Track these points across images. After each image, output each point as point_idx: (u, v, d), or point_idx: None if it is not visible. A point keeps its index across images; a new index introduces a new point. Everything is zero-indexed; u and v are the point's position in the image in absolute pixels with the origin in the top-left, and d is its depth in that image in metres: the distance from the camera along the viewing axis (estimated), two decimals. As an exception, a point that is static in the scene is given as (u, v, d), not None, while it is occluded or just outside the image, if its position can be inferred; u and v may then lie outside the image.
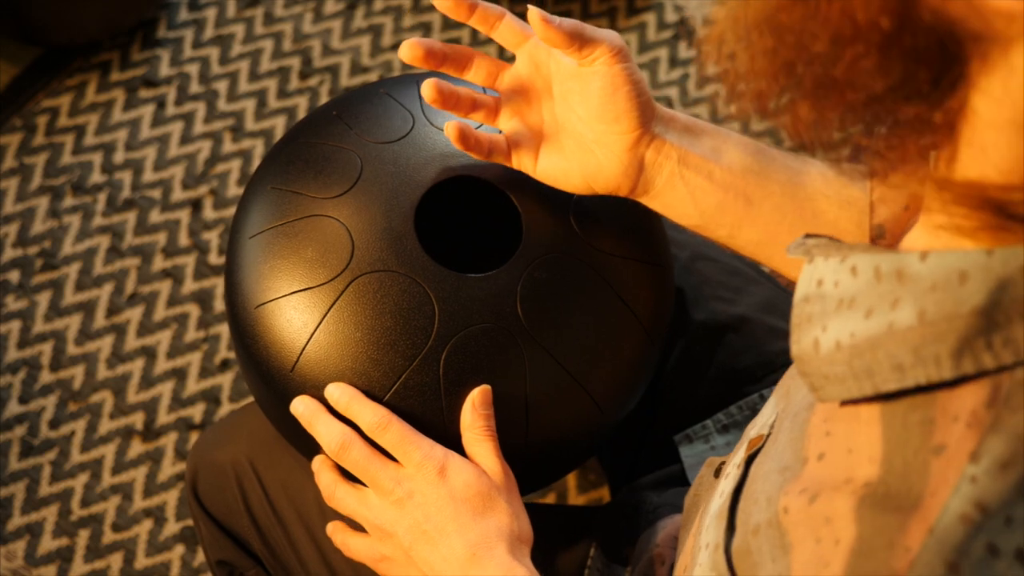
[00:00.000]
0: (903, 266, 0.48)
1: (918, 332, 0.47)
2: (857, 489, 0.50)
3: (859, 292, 0.50)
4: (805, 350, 0.54)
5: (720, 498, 0.65)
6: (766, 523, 0.55)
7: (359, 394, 0.74)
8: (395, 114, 0.82)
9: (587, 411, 0.79)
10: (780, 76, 0.48)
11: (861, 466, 0.50)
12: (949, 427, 0.46)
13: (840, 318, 0.51)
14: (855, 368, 0.50)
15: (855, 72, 0.46)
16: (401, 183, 0.78)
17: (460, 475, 0.72)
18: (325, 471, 0.77)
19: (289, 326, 0.76)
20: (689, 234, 1.02)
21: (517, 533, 0.72)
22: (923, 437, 0.47)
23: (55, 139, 1.60)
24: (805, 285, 0.54)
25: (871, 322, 0.49)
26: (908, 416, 0.48)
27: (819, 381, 0.53)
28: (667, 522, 0.84)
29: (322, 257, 0.76)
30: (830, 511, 0.51)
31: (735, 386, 0.94)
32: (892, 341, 0.48)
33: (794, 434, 0.58)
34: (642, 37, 1.72)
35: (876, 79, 0.45)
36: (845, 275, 0.51)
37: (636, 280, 0.81)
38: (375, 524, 0.74)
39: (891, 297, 0.48)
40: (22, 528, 1.36)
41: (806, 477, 0.54)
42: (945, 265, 0.46)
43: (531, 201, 0.79)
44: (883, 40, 0.44)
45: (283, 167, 0.81)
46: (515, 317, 0.76)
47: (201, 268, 1.52)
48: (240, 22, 1.70)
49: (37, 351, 1.46)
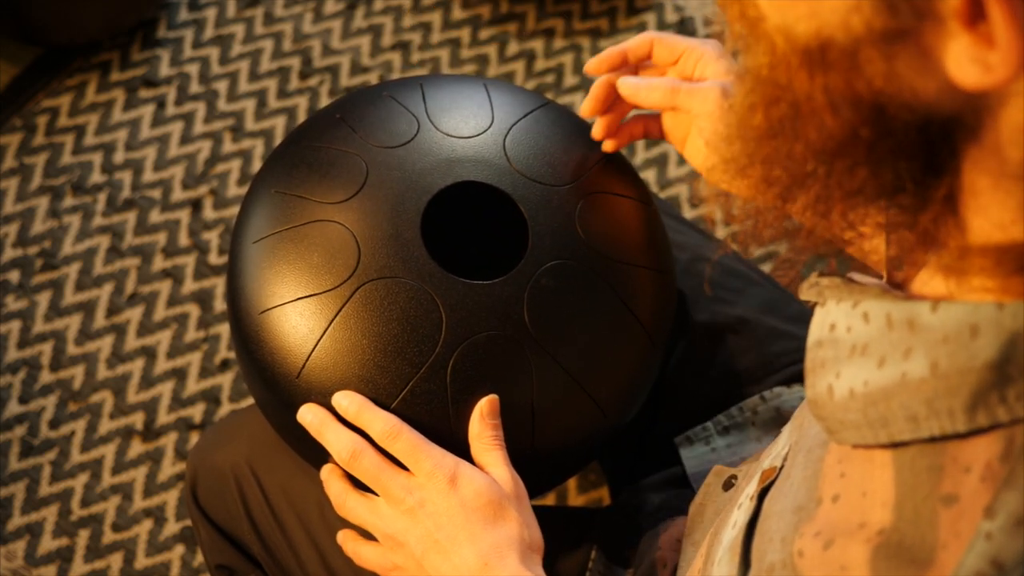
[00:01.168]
0: (914, 316, 0.48)
1: (931, 384, 0.47)
2: (872, 537, 0.50)
3: (871, 339, 0.50)
4: (820, 395, 0.54)
5: (733, 530, 0.64)
6: (780, 564, 0.55)
7: (368, 402, 0.74)
8: (400, 118, 0.82)
9: (592, 416, 0.79)
10: (778, 201, 0.49)
11: (875, 510, 0.50)
12: (960, 477, 0.46)
13: (853, 365, 0.51)
14: (870, 417, 0.50)
15: (849, 182, 0.46)
16: (407, 188, 0.78)
17: (471, 484, 0.72)
18: (335, 480, 0.77)
19: (295, 332, 0.75)
20: (690, 236, 1.02)
21: (528, 541, 0.72)
22: (931, 484, 0.47)
23: (55, 139, 1.60)
24: (818, 329, 0.54)
25: (884, 372, 0.49)
26: (916, 461, 0.48)
27: (835, 425, 0.53)
28: (669, 524, 0.85)
29: (328, 263, 0.76)
30: (845, 559, 0.51)
31: (735, 387, 0.94)
32: (906, 392, 0.48)
33: (808, 472, 0.58)
34: (642, 38, 1.72)
35: (870, 182, 0.46)
36: (857, 321, 0.51)
37: (640, 286, 0.81)
38: (386, 533, 0.74)
39: (903, 346, 0.48)
40: (22, 528, 1.36)
41: (821, 519, 0.54)
42: (956, 318, 0.46)
43: (537, 207, 0.79)
44: (868, 149, 0.45)
45: (287, 171, 0.81)
46: (522, 324, 0.76)
47: (201, 268, 1.52)
48: (240, 22, 1.70)
49: (37, 351, 1.46)
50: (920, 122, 0.44)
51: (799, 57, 0.45)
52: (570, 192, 0.81)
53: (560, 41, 1.71)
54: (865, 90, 0.44)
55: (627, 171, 0.86)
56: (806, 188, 0.48)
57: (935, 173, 0.46)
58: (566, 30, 1.72)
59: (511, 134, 0.82)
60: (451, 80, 0.87)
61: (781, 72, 0.45)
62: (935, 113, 0.44)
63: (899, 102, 0.43)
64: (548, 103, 0.87)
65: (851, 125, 0.45)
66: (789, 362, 0.94)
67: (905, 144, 0.45)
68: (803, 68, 0.44)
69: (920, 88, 0.43)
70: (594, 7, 1.74)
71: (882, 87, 0.43)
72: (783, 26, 0.45)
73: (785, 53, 0.45)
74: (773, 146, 0.47)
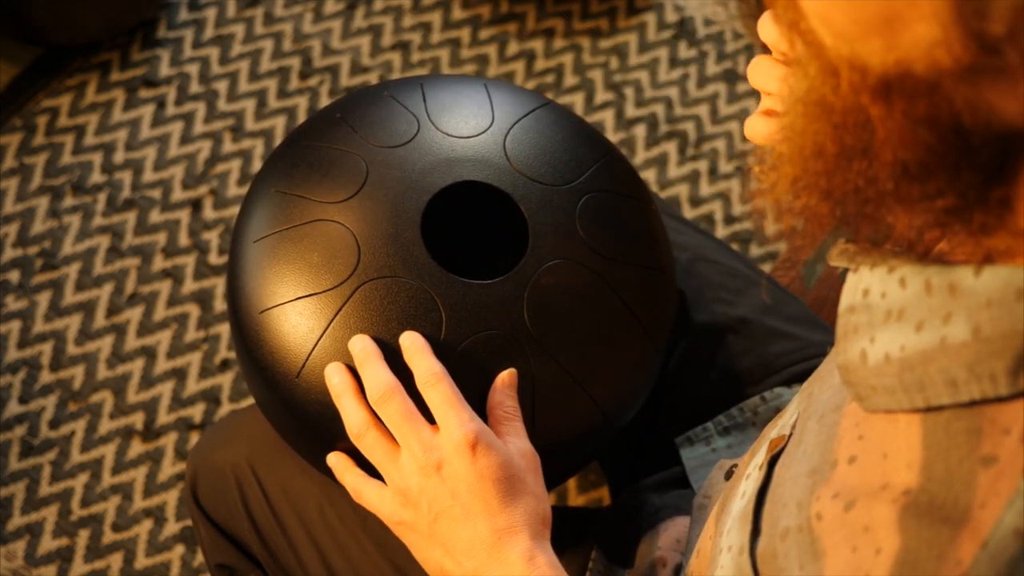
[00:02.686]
0: (956, 280, 0.48)
1: (972, 348, 0.47)
2: (897, 497, 0.50)
3: (908, 304, 0.50)
4: (852, 360, 0.53)
5: (743, 500, 0.65)
6: (796, 528, 0.55)
7: (427, 347, 0.74)
8: (400, 118, 0.82)
9: (591, 416, 0.79)
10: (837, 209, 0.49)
11: (898, 472, 0.50)
12: (1000, 439, 0.46)
13: (889, 330, 0.51)
14: (905, 381, 0.50)
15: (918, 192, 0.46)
16: (407, 188, 0.78)
17: (492, 455, 0.71)
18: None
19: (295, 332, 0.75)
20: (690, 236, 1.02)
21: (542, 516, 0.72)
22: (969, 446, 0.47)
23: (55, 139, 1.60)
24: (850, 295, 0.54)
25: (922, 336, 0.49)
26: (952, 424, 0.48)
27: (866, 391, 0.53)
28: (669, 524, 0.85)
29: (328, 262, 0.76)
30: (868, 519, 0.51)
31: (736, 388, 0.94)
32: (945, 356, 0.48)
33: (822, 436, 0.58)
34: (642, 37, 1.72)
35: (944, 193, 0.46)
36: (893, 286, 0.51)
37: (640, 286, 0.81)
38: (400, 487, 0.72)
39: (943, 311, 0.48)
40: (22, 528, 1.36)
41: (837, 481, 0.54)
42: (1001, 281, 0.46)
43: (537, 207, 0.80)
44: (943, 165, 0.45)
45: (287, 170, 0.81)
46: (522, 324, 0.76)
47: (201, 268, 1.52)
48: (240, 22, 1.70)
49: (37, 351, 1.46)
50: (998, 139, 0.44)
51: (872, 87, 0.44)
52: (570, 192, 0.81)
53: (560, 41, 1.71)
54: (946, 113, 0.43)
55: (627, 171, 0.86)
56: (871, 200, 0.47)
57: (996, 180, 0.45)
58: (566, 30, 1.72)
59: (511, 134, 0.82)
60: (451, 80, 0.87)
61: (849, 99, 0.45)
62: (1013, 129, 0.43)
63: (979, 121, 0.43)
64: (548, 103, 0.87)
65: (930, 145, 0.44)
66: (789, 363, 0.94)
67: (980, 158, 0.44)
68: (878, 97, 0.44)
69: (1002, 109, 0.42)
70: (594, 7, 1.74)
71: (963, 110, 0.43)
72: (851, 58, 0.44)
73: (854, 83, 0.45)
74: (841, 166, 0.47)
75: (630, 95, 1.67)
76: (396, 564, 0.86)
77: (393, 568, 0.87)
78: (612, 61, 1.70)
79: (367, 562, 0.88)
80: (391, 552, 0.86)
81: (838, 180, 0.48)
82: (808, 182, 0.49)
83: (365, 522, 0.88)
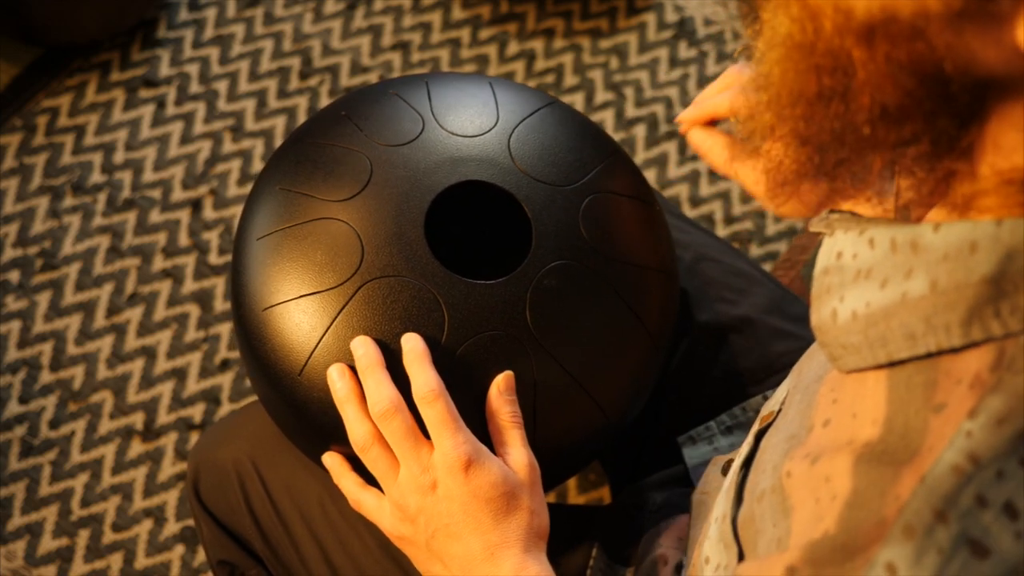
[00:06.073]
0: (917, 237, 0.49)
1: (930, 301, 0.48)
2: (857, 448, 0.51)
3: (876, 263, 0.51)
4: (824, 320, 0.55)
5: (732, 474, 0.66)
6: (770, 489, 0.57)
7: (427, 355, 0.73)
8: (405, 116, 0.82)
9: (593, 417, 0.79)
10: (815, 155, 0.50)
11: (864, 428, 0.52)
12: (952, 388, 0.48)
13: (857, 288, 0.52)
14: (870, 337, 0.52)
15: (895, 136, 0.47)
16: (412, 187, 0.78)
17: (486, 475, 0.71)
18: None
19: (298, 330, 0.75)
20: (693, 235, 1.02)
21: (536, 529, 0.73)
22: (925, 397, 0.49)
23: (55, 139, 1.60)
24: (825, 257, 0.56)
25: (886, 292, 0.51)
26: (912, 379, 0.50)
27: (838, 351, 0.54)
28: (670, 522, 0.85)
29: (331, 261, 0.76)
30: (829, 470, 0.52)
31: (738, 387, 0.94)
32: (905, 310, 0.50)
33: (803, 405, 0.59)
34: (642, 37, 1.72)
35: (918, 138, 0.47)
36: (863, 247, 0.52)
37: (643, 287, 0.81)
38: (399, 503, 0.73)
39: (905, 267, 0.50)
40: (22, 528, 1.36)
41: (811, 443, 0.56)
42: (957, 235, 0.48)
43: (541, 207, 0.79)
44: (921, 109, 0.46)
45: (291, 168, 0.80)
46: (524, 325, 0.76)
47: (201, 268, 1.52)
48: (240, 22, 1.70)
49: (37, 351, 1.46)
50: (974, 86, 0.45)
51: (856, 30, 0.45)
52: (574, 192, 0.81)
53: (560, 41, 1.71)
54: (928, 59, 0.44)
55: (631, 171, 0.86)
56: (847, 145, 0.48)
57: (967, 126, 0.47)
58: (566, 30, 1.72)
59: (516, 133, 0.82)
60: (456, 78, 0.87)
61: (833, 42, 0.46)
62: (989, 77, 0.44)
63: (959, 68, 0.44)
64: (554, 102, 0.86)
65: (909, 90, 0.45)
66: (792, 362, 0.94)
67: (954, 104, 0.45)
68: (861, 40, 0.45)
69: (982, 55, 0.43)
70: (594, 7, 1.74)
71: (945, 56, 0.44)
72: (838, 1, 0.45)
73: (838, 24, 0.45)
74: (819, 110, 0.48)
75: (630, 95, 1.67)
76: (398, 560, 0.86)
77: (395, 564, 0.87)
78: (612, 61, 1.70)
79: (369, 558, 0.88)
80: (393, 548, 0.87)
81: (815, 125, 0.48)
82: (786, 129, 0.50)
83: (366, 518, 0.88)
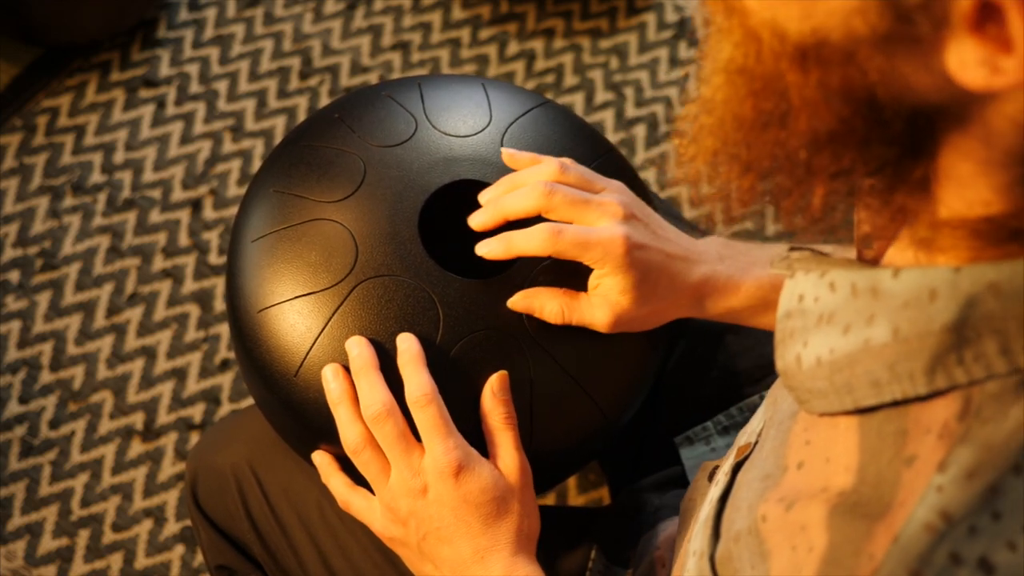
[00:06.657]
0: (877, 283, 0.49)
1: (893, 349, 0.48)
2: (831, 497, 0.50)
3: (837, 308, 0.51)
4: (789, 365, 0.54)
5: (709, 505, 0.65)
6: (746, 530, 0.56)
7: (421, 358, 0.73)
8: (398, 117, 0.82)
9: (591, 416, 0.79)
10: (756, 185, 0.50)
11: (837, 475, 0.51)
12: (921, 438, 0.47)
13: (820, 334, 0.52)
14: (836, 384, 0.51)
15: (834, 165, 0.47)
16: (405, 187, 0.78)
17: (476, 481, 0.72)
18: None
19: (292, 331, 0.76)
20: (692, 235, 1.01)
21: (526, 532, 0.73)
22: (896, 448, 0.48)
23: (55, 139, 1.60)
24: (787, 300, 0.55)
25: (849, 338, 0.50)
26: (883, 427, 0.49)
27: (804, 395, 0.54)
28: (668, 524, 0.85)
29: (326, 261, 0.76)
30: (805, 519, 0.51)
31: (735, 387, 0.94)
32: (869, 357, 0.49)
33: (777, 442, 0.59)
34: (642, 37, 1.72)
35: (856, 167, 0.47)
36: (824, 290, 0.52)
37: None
38: (390, 505, 0.74)
39: (867, 313, 0.49)
40: (22, 528, 1.36)
41: (786, 486, 0.55)
42: (916, 283, 0.47)
43: None
44: (856, 136, 0.45)
45: (285, 170, 0.81)
46: (520, 323, 0.76)
47: (201, 268, 1.52)
48: (240, 22, 1.70)
49: (37, 351, 1.46)
50: (909, 112, 0.44)
51: (791, 54, 0.45)
52: None
53: (560, 41, 1.71)
54: (860, 84, 0.44)
55: (626, 170, 0.86)
56: (787, 172, 0.48)
57: (914, 157, 0.46)
58: (566, 30, 1.72)
59: (509, 133, 0.82)
60: (449, 80, 0.87)
61: (769, 66, 0.46)
62: (925, 104, 0.44)
63: (892, 94, 0.44)
64: (546, 102, 0.87)
65: (843, 116, 0.45)
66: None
67: (891, 132, 0.45)
68: (795, 64, 0.45)
69: (915, 83, 0.43)
70: (594, 7, 1.74)
71: (877, 81, 0.43)
72: (772, 23, 0.45)
73: (774, 49, 0.45)
74: (758, 135, 0.48)
75: (630, 95, 1.67)
76: (396, 564, 0.86)
77: (393, 568, 0.87)
78: (612, 61, 1.70)
79: (367, 562, 0.88)
80: (391, 553, 0.86)
81: (755, 151, 0.48)
82: (728, 154, 0.50)
83: None
